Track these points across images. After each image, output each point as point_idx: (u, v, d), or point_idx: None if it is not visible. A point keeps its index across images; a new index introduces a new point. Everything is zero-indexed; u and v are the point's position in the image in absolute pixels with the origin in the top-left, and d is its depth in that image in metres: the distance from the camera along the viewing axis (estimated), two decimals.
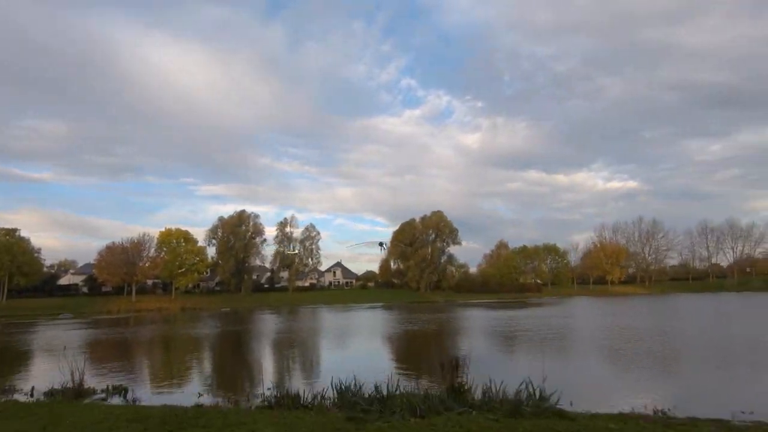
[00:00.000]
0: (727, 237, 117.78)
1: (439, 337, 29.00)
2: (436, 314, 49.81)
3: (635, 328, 29.61)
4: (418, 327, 35.15)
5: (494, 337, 27.89)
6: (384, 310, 61.03)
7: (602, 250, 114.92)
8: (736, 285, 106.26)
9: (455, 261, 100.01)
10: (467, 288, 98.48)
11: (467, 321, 41.12)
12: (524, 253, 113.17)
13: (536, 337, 25.86)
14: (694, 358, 18.94)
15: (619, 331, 28.17)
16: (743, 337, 24.66)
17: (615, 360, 18.75)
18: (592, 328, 32.06)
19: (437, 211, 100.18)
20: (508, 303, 73.61)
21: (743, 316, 40.77)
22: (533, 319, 39.78)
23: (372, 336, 31.05)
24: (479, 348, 22.25)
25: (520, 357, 20.24)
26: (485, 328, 33.45)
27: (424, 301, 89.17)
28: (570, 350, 21.84)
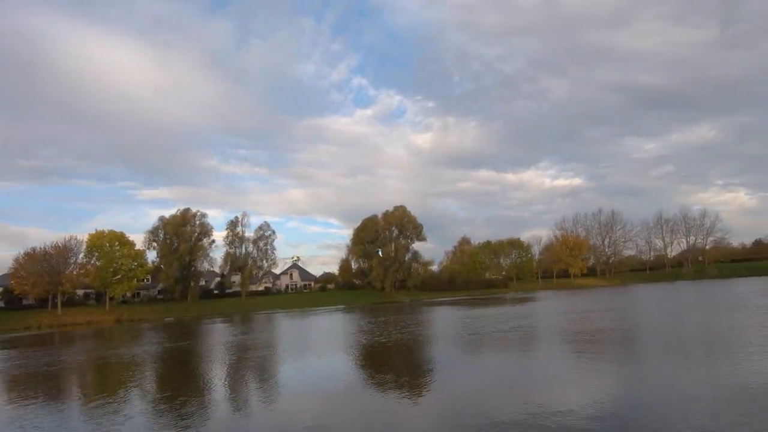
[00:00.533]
0: (681, 227, 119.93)
1: (418, 351, 23.28)
2: (403, 315, 44.59)
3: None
4: (385, 336, 28.72)
5: (495, 346, 22.64)
6: (346, 314, 54.92)
7: (564, 243, 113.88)
8: (693, 273, 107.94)
9: (420, 258, 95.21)
10: (433, 286, 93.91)
11: (441, 324, 35.86)
12: (489, 249, 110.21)
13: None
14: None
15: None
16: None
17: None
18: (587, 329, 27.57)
19: (400, 206, 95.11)
20: (478, 300, 69.46)
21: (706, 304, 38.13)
22: (520, 319, 35.15)
23: (332, 350, 24.62)
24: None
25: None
26: (467, 335, 28.19)
27: (389, 301, 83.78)
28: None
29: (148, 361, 23.83)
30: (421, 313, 48.05)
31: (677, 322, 26.82)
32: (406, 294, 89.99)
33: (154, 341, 34.82)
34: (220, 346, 28.25)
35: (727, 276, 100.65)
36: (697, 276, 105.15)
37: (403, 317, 42.40)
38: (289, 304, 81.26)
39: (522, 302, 56.21)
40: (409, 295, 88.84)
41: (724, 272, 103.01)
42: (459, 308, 51.15)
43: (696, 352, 16.85)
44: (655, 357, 16.36)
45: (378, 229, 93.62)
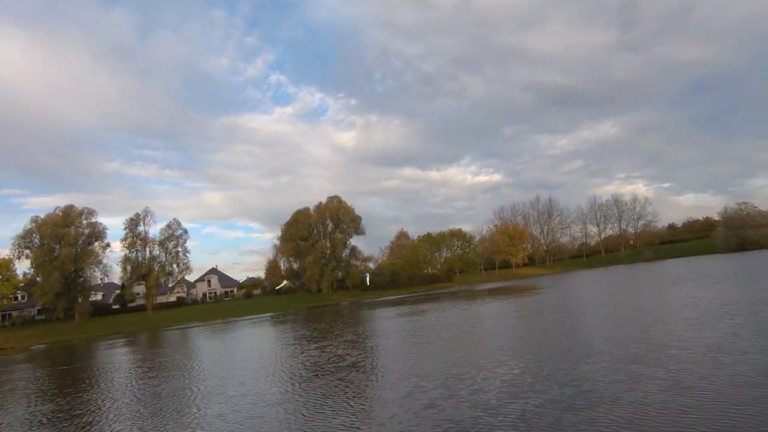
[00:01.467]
0: (613, 212, 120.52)
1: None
2: (345, 323, 34.61)
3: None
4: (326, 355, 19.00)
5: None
6: (274, 324, 43.37)
7: (505, 232, 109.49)
8: (629, 257, 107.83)
9: (359, 254, 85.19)
10: (375, 284, 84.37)
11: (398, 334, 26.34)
12: (430, 241, 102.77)
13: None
14: None
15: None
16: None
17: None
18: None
19: (334, 196, 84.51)
20: (424, 298, 60.91)
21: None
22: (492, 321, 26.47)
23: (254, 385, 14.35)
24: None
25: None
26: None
27: (326, 303, 73.11)
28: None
29: None
30: (361, 320, 38.16)
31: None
32: (346, 295, 79.71)
33: (35, 380, 22.09)
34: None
35: (662, 258, 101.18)
36: (633, 260, 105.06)
37: (340, 328, 32.27)
38: (208, 315, 67.64)
39: (474, 299, 48.17)
40: (349, 296, 78.62)
41: (660, 254, 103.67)
42: (406, 312, 41.91)
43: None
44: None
45: (311, 223, 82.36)
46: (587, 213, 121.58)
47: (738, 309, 17.56)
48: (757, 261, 48.66)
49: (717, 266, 47.24)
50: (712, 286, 27.04)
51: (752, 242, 79.56)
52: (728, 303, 19.33)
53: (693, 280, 33.88)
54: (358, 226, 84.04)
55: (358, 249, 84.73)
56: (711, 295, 22.99)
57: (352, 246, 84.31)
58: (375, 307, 50.62)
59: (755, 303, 18.58)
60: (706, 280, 32.35)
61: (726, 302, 19.63)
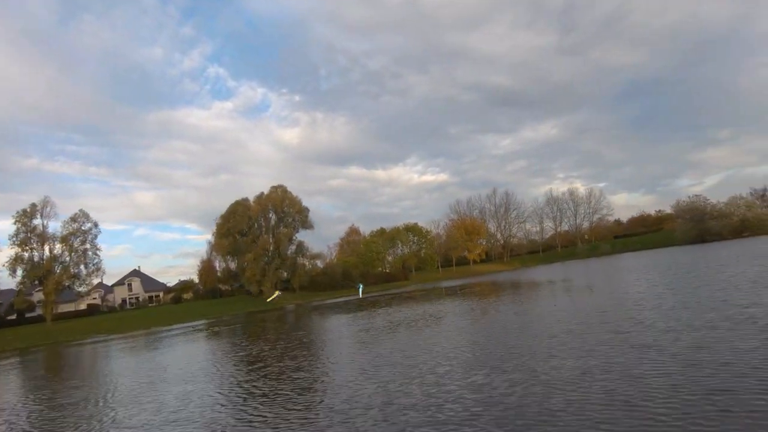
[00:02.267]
0: (569, 206, 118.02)
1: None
2: (290, 337, 26.13)
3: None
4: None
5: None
6: (208, 338, 33.85)
7: (462, 227, 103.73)
8: (586, 252, 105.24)
9: (306, 250, 75.79)
10: (326, 284, 75.49)
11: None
12: (385, 236, 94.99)
13: None
14: None
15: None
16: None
17: None
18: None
19: (279, 185, 74.75)
20: (380, 299, 53.10)
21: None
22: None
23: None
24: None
25: None
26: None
27: (269, 308, 63.58)
28: None
29: None
30: (309, 331, 29.64)
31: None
32: (291, 297, 70.30)
33: None
34: None
35: (619, 251, 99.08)
36: (591, 254, 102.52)
37: (283, 345, 23.71)
38: (126, 325, 56.07)
39: (436, 300, 40.82)
40: (296, 298, 69.30)
41: (616, 248, 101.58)
42: (363, 324, 33.87)
43: None
44: None
45: (251, 215, 72.15)
46: (543, 207, 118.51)
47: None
48: (732, 250, 44.64)
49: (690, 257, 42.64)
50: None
51: (714, 233, 77.75)
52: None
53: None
54: (306, 220, 74.75)
55: (305, 245, 75.48)
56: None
57: (299, 242, 74.97)
58: (325, 313, 42.07)
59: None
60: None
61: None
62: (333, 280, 77.55)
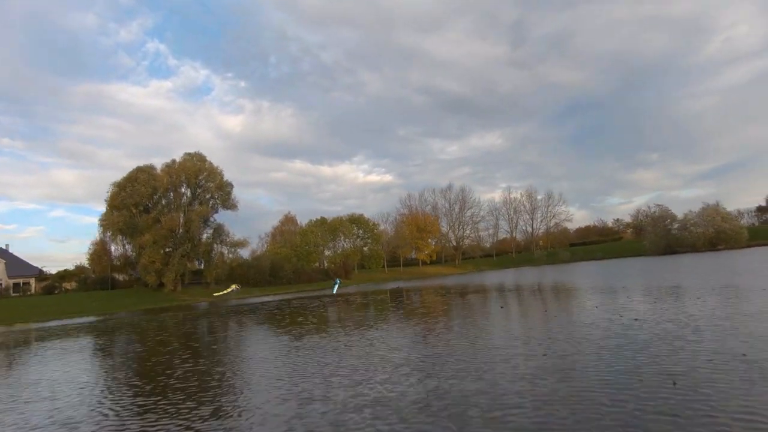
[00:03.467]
0: (526, 209, 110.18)
1: None
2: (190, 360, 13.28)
3: None
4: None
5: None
6: (63, 353, 19.50)
7: (414, 222, 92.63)
8: (545, 258, 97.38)
9: (227, 236, 61.17)
10: (249, 279, 61.39)
11: None
12: (325, 227, 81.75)
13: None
14: None
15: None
16: None
17: None
18: None
19: (195, 152, 59.86)
20: (308, 301, 40.21)
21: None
22: None
23: None
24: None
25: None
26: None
27: (174, 304, 48.99)
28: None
29: None
30: (218, 355, 16.59)
31: None
32: (203, 292, 55.76)
33: None
34: None
35: (580, 259, 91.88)
36: (549, 261, 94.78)
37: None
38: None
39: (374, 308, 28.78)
40: (209, 294, 54.85)
41: (577, 255, 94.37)
42: (293, 343, 21.14)
43: None
44: None
45: (156, 186, 56.75)
46: (500, 208, 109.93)
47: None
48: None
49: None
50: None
51: (686, 244, 71.25)
52: None
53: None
54: (228, 198, 60.28)
55: (225, 229, 60.86)
56: None
57: (218, 225, 60.35)
58: (244, 318, 28.63)
59: None
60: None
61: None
62: (259, 274, 63.53)
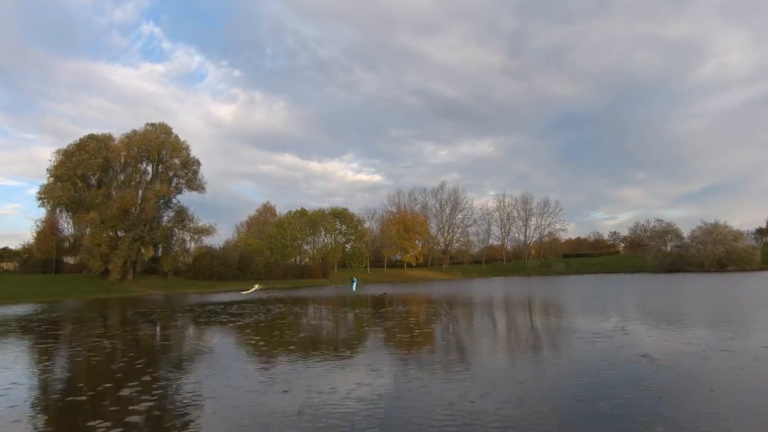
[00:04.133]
0: (521, 214, 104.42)
1: None
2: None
3: None
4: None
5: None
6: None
7: (401, 221, 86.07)
8: (537, 268, 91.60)
9: (191, 220, 53.66)
10: (214, 272, 54.11)
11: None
12: (305, 219, 74.58)
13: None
14: None
15: None
16: None
17: None
18: None
19: (160, 123, 52.36)
20: (279, 301, 33.25)
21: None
22: None
23: None
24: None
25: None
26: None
27: (111, 297, 41.59)
28: None
29: None
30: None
31: None
32: (158, 283, 48.37)
33: None
34: None
35: (575, 272, 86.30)
36: (541, 271, 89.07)
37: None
38: None
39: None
40: (164, 287, 47.51)
41: (572, 268, 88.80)
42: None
43: None
44: None
45: (109, 158, 49.14)
46: (492, 212, 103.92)
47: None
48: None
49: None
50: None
51: (693, 263, 65.83)
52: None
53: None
54: (194, 177, 52.88)
55: (189, 213, 53.39)
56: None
57: (180, 208, 52.85)
58: (205, 320, 21.57)
59: None
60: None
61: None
62: (225, 267, 56.28)
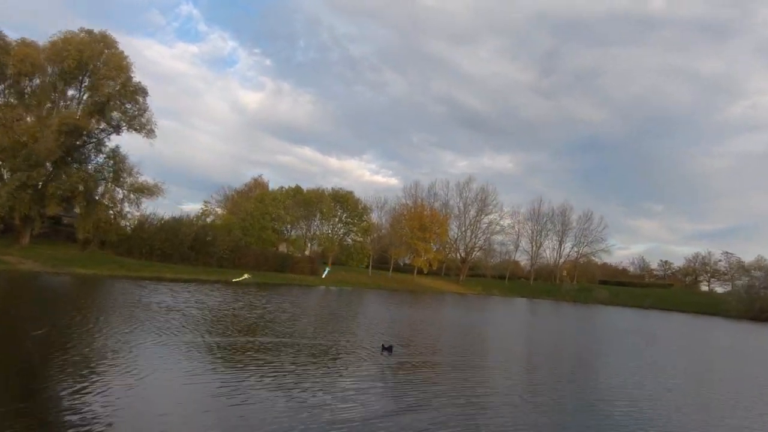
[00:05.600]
0: (556, 227, 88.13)
1: None
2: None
3: None
4: None
5: None
6: None
7: (416, 218, 70.00)
8: (574, 293, 75.19)
9: (130, 174, 37.60)
10: (156, 249, 38.33)
11: None
12: (298, 199, 58.55)
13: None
14: None
15: None
16: None
17: None
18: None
19: (99, 31, 36.50)
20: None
21: None
22: None
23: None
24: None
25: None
26: None
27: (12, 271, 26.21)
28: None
29: None
30: None
31: None
32: (73, 258, 32.67)
33: None
34: None
35: (622, 303, 70.05)
36: (580, 298, 72.81)
37: None
38: None
39: None
40: (83, 263, 31.78)
41: (620, 298, 72.44)
42: None
43: None
44: None
45: (4, 63, 33.23)
46: (523, 222, 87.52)
47: None
48: None
49: None
50: None
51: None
52: None
53: None
54: (139, 113, 36.82)
55: (127, 163, 37.36)
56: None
57: (114, 151, 36.91)
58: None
59: None
60: None
61: None
62: (173, 245, 40.36)
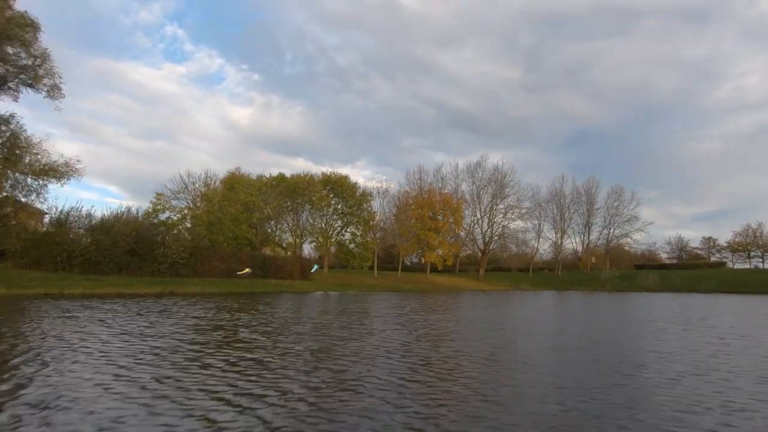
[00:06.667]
0: (579, 207, 77.23)
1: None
2: None
3: None
4: None
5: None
6: None
7: (426, 205, 58.95)
8: (614, 282, 64.30)
9: (28, 151, 26.34)
10: (75, 258, 27.05)
11: None
12: (282, 186, 47.26)
13: None
14: None
15: None
16: None
17: None
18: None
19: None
20: None
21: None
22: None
23: None
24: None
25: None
26: None
27: None
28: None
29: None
30: None
31: None
32: None
33: None
34: None
35: (676, 289, 59.32)
36: (623, 287, 61.97)
37: None
38: None
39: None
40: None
41: (671, 283, 61.59)
42: None
43: None
44: None
45: None
46: (545, 205, 76.56)
47: None
48: None
49: None
50: None
51: None
52: None
53: None
54: (36, 63, 25.50)
55: (23, 134, 26.12)
56: None
57: (10, 115, 25.63)
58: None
59: None
60: None
61: None
62: (102, 250, 29.06)
